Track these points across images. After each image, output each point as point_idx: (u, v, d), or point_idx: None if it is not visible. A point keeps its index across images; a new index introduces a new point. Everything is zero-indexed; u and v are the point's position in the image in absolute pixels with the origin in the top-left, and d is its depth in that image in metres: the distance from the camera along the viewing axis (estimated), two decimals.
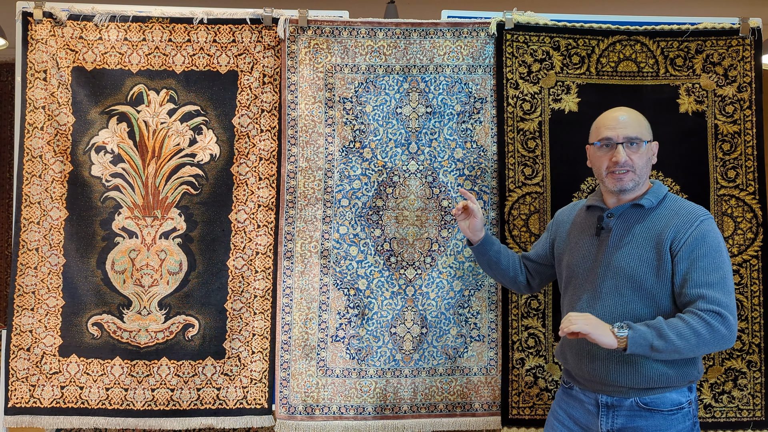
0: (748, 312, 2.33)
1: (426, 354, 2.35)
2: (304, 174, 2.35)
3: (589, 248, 1.83)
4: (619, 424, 1.72)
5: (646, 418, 1.70)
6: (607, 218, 1.78)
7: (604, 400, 1.74)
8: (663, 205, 1.77)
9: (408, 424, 2.32)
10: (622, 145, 1.74)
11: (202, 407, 2.30)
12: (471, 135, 2.38)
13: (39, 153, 2.32)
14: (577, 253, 1.85)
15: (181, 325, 2.32)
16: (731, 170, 2.37)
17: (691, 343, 1.58)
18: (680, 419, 1.71)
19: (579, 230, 1.89)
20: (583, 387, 1.81)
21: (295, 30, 2.35)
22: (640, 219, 1.76)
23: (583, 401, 1.81)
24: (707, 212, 1.74)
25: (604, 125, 1.79)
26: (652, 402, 1.70)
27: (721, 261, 1.67)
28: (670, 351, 1.58)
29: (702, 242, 1.67)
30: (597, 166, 1.81)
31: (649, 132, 1.80)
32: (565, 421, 1.85)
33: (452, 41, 2.38)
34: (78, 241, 2.32)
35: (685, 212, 1.72)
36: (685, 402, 1.72)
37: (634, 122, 1.77)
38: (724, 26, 2.39)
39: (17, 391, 2.29)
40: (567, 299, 1.87)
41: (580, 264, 1.83)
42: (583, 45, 2.38)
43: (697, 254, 1.66)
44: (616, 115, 1.79)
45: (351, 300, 2.34)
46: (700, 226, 1.69)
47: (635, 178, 1.75)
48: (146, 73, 2.35)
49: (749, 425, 2.32)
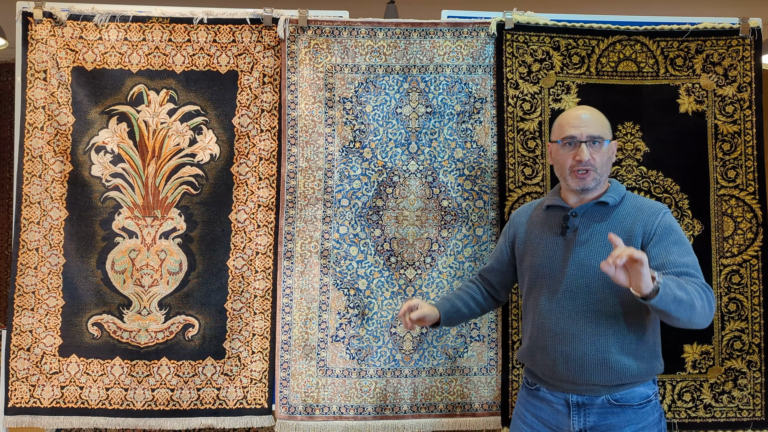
0: (748, 312, 2.33)
1: (426, 354, 2.35)
2: (304, 174, 2.35)
3: (554, 248, 1.81)
4: (591, 422, 1.72)
5: (618, 414, 1.71)
6: (572, 217, 1.78)
7: (575, 399, 1.74)
8: (624, 202, 1.79)
9: (408, 424, 2.32)
10: (586, 144, 1.75)
11: (202, 407, 2.30)
12: (471, 135, 2.38)
13: (39, 153, 2.32)
14: (542, 253, 1.83)
15: (181, 325, 2.32)
16: (731, 170, 2.37)
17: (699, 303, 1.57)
18: (649, 411, 1.74)
19: (540, 230, 1.87)
20: (551, 387, 1.79)
21: (295, 30, 2.35)
22: (604, 217, 1.77)
23: (551, 401, 1.79)
24: (666, 206, 1.79)
25: (568, 123, 1.79)
26: (622, 398, 1.71)
27: (690, 248, 1.72)
28: (687, 305, 1.54)
29: (670, 231, 1.71)
30: (560, 164, 1.81)
31: (610, 131, 1.81)
32: (533, 424, 1.83)
33: (452, 41, 2.38)
34: (78, 241, 2.32)
35: (648, 207, 1.76)
36: (652, 394, 1.75)
37: (596, 121, 1.78)
38: (724, 26, 2.39)
39: (17, 391, 2.29)
40: (532, 299, 1.84)
41: (546, 264, 1.81)
42: (583, 45, 2.38)
43: (668, 241, 1.69)
44: (579, 113, 1.80)
45: (351, 300, 2.34)
46: (664, 218, 1.73)
47: (597, 177, 1.76)
48: (146, 73, 2.36)
49: (749, 425, 2.32)
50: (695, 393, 2.33)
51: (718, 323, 2.33)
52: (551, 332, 1.75)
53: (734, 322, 2.33)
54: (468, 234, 2.36)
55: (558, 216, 1.83)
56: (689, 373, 2.33)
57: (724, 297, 2.34)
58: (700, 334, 2.33)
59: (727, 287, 2.34)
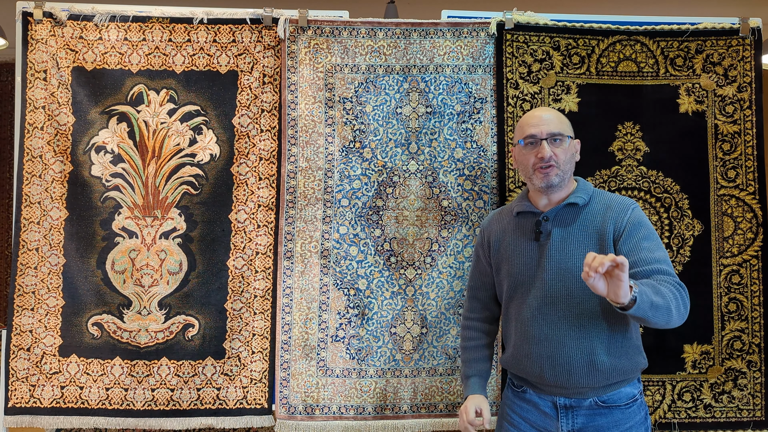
0: (748, 312, 2.33)
1: (426, 354, 2.35)
2: (304, 174, 2.35)
3: (530, 254, 1.80)
4: (579, 423, 1.73)
5: (605, 415, 1.72)
6: (544, 222, 1.79)
7: (563, 402, 1.74)
8: (593, 201, 1.80)
9: (408, 424, 2.32)
10: (546, 141, 1.77)
11: (202, 407, 2.30)
12: (471, 135, 2.38)
13: (39, 153, 2.32)
14: (518, 260, 1.82)
15: (181, 325, 2.32)
16: (731, 170, 2.37)
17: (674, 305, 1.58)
18: (636, 411, 1.74)
19: (514, 237, 1.85)
20: (538, 390, 1.79)
21: (295, 30, 2.35)
22: (575, 217, 1.77)
23: (537, 404, 1.79)
24: (634, 201, 1.80)
25: (528, 123, 1.82)
26: (609, 399, 1.72)
27: (660, 242, 1.73)
28: (664, 309, 1.55)
29: (639, 226, 1.72)
30: (524, 164, 1.83)
31: (571, 129, 1.84)
32: (520, 425, 1.82)
33: (452, 41, 2.38)
34: (78, 241, 2.32)
35: (617, 204, 1.77)
36: (638, 393, 1.77)
37: (556, 119, 1.81)
38: (724, 26, 2.39)
39: (17, 391, 2.29)
40: (514, 307, 1.83)
41: (524, 271, 1.80)
42: (583, 45, 2.38)
43: (638, 236, 1.70)
44: (539, 113, 1.83)
45: (351, 300, 2.34)
46: (633, 213, 1.74)
47: (560, 173, 1.78)
48: (146, 73, 2.36)
49: (749, 425, 2.32)
50: (695, 393, 2.33)
51: (718, 323, 2.33)
52: (535, 338, 1.75)
53: (734, 322, 2.33)
54: (468, 234, 2.36)
55: (529, 221, 1.82)
56: (689, 373, 2.33)
57: (724, 297, 2.34)
58: (700, 334, 2.33)
59: (727, 287, 2.34)
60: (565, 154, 1.78)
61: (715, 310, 2.33)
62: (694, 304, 2.30)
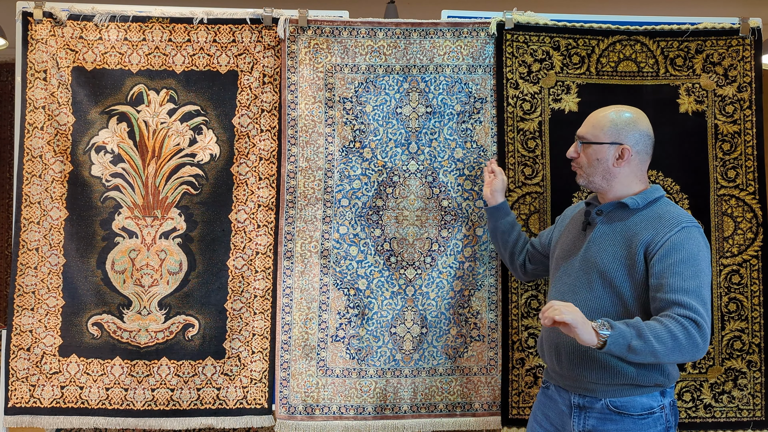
0: (748, 312, 2.33)
1: (426, 354, 2.35)
2: (304, 174, 2.35)
3: (574, 242, 1.86)
4: (590, 425, 1.73)
5: (616, 422, 1.70)
6: (596, 215, 1.81)
7: (576, 400, 1.76)
8: (650, 207, 1.76)
9: (408, 424, 2.32)
10: (577, 142, 1.81)
11: (202, 407, 2.30)
12: (471, 135, 2.38)
13: (39, 153, 2.32)
14: (564, 245, 1.90)
15: (181, 325, 2.32)
16: (731, 170, 2.37)
17: (667, 347, 1.53)
18: (651, 424, 1.69)
19: (572, 225, 1.94)
20: (557, 385, 1.83)
21: (295, 30, 2.35)
22: (623, 218, 1.77)
23: (557, 401, 1.83)
24: (694, 220, 1.70)
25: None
26: (622, 405, 1.70)
27: (699, 270, 1.61)
28: (647, 353, 1.54)
29: (680, 248, 1.62)
30: None
31: (604, 135, 1.77)
32: (542, 422, 1.88)
33: (452, 41, 2.38)
34: (78, 241, 2.32)
35: (669, 216, 1.69)
36: (657, 407, 1.70)
37: (589, 121, 1.84)
38: (724, 26, 2.39)
39: (17, 391, 2.29)
40: (550, 290, 1.93)
41: (564, 257, 1.87)
42: (583, 45, 2.38)
43: (673, 259, 1.61)
44: (592, 113, 1.85)
45: (351, 300, 2.34)
46: (680, 232, 1.65)
47: (584, 176, 1.81)
48: (146, 73, 2.35)
49: (749, 425, 2.32)
50: (695, 393, 2.33)
51: (718, 323, 2.33)
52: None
53: (734, 322, 2.33)
54: (468, 234, 2.36)
55: (588, 213, 1.87)
56: (689, 373, 2.33)
57: (724, 297, 2.34)
58: None
59: (727, 287, 2.34)
60: (586, 159, 1.81)
61: (715, 310, 2.33)
62: None
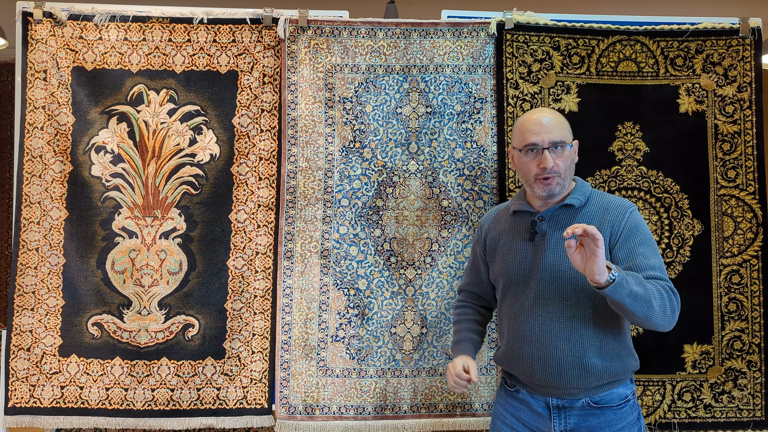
0: (748, 312, 2.33)
1: (426, 354, 2.35)
2: (304, 174, 2.35)
3: (524, 254, 1.79)
4: (571, 424, 1.72)
5: (597, 416, 1.72)
6: (539, 222, 1.76)
7: (555, 402, 1.74)
8: (590, 202, 1.77)
9: (408, 424, 2.32)
10: (548, 150, 1.72)
11: (202, 407, 2.30)
12: (471, 135, 2.38)
13: (39, 153, 2.32)
14: (513, 259, 1.80)
15: (181, 325, 2.32)
16: (731, 170, 2.37)
17: (657, 303, 1.59)
18: (628, 411, 1.74)
19: (509, 236, 1.83)
20: (530, 390, 1.79)
21: (295, 30, 2.35)
22: (571, 219, 1.75)
23: (530, 404, 1.78)
24: (632, 203, 1.78)
25: (529, 130, 1.74)
26: (602, 399, 1.72)
27: (656, 248, 1.73)
28: (643, 302, 1.56)
29: (636, 231, 1.71)
30: (524, 171, 1.78)
31: (570, 132, 1.78)
32: (513, 424, 1.81)
33: (452, 41, 2.38)
34: (78, 241, 2.32)
35: (614, 206, 1.75)
36: (630, 393, 1.76)
37: (557, 125, 1.75)
38: (724, 26, 2.39)
39: (17, 391, 2.29)
40: (506, 306, 1.83)
41: (518, 270, 1.79)
42: (583, 45, 2.38)
43: (634, 242, 1.69)
44: (539, 117, 1.76)
45: (351, 300, 2.34)
46: (630, 217, 1.72)
47: (561, 182, 1.74)
48: (146, 73, 2.36)
49: (749, 425, 2.32)
50: (695, 393, 2.33)
51: (718, 323, 2.33)
52: (527, 338, 1.74)
53: (734, 322, 2.33)
54: (468, 234, 2.36)
55: (525, 221, 1.81)
56: (689, 373, 2.33)
57: (724, 297, 2.34)
58: (700, 334, 2.33)
59: (727, 287, 2.34)
60: (566, 162, 1.74)
61: (715, 310, 2.33)
62: (694, 303, 2.31)
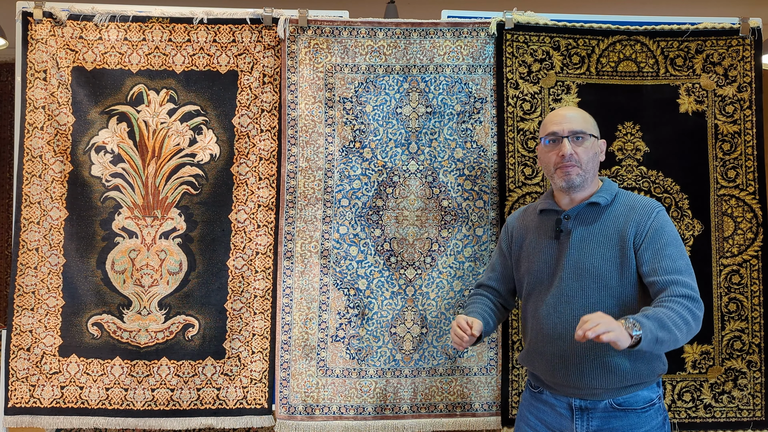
0: (748, 312, 2.33)
1: (426, 354, 2.35)
2: (304, 174, 2.35)
3: (549, 252, 1.80)
4: (594, 426, 1.72)
5: (621, 418, 1.70)
6: (564, 220, 1.78)
7: (578, 403, 1.73)
8: (617, 201, 1.78)
9: (408, 424, 2.32)
10: (568, 139, 1.76)
11: (202, 407, 2.30)
12: (471, 135, 2.38)
13: (39, 153, 2.32)
14: (538, 258, 1.82)
15: (181, 325, 2.32)
16: (731, 170, 2.37)
17: (683, 332, 1.59)
18: (653, 415, 1.73)
19: (536, 235, 1.85)
20: (554, 391, 1.79)
21: (295, 30, 2.35)
22: (596, 217, 1.76)
23: (554, 405, 1.78)
24: (659, 203, 1.78)
25: (551, 121, 1.81)
26: (625, 401, 1.71)
27: (683, 248, 1.72)
28: (670, 342, 1.57)
29: (662, 232, 1.70)
30: (546, 163, 1.82)
31: (596, 129, 1.82)
32: (537, 426, 1.82)
33: (452, 41, 2.38)
34: (78, 241, 2.32)
35: (641, 206, 1.75)
36: (656, 397, 1.75)
37: (579, 118, 1.80)
38: (724, 26, 2.39)
39: (17, 391, 2.29)
40: (531, 305, 1.83)
41: (543, 269, 1.80)
42: (583, 45, 2.38)
43: (660, 244, 1.69)
44: (563, 112, 1.82)
45: (351, 300, 2.34)
46: (657, 218, 1.72)
47: (581, 173, 1.76)
48: (146, 73, 2.36)
49: (749, 425, 2.32)
50: (695, 393, 2.33)
51: (718, 323, 2.33)
52: (549, 337, 1.75)
53: (734, 322, 2.33)
54: (468, 234, 2.36)
55: (551, 219, 1.82)
56: (689, 373, 2.33)
57: (724, 297, 2.34)
58: (700, 334, 2.32)
59: (727, 287, 2.34)
60: (587, 153, 1.76)
61: (715, 310, 2.33)
62: None
